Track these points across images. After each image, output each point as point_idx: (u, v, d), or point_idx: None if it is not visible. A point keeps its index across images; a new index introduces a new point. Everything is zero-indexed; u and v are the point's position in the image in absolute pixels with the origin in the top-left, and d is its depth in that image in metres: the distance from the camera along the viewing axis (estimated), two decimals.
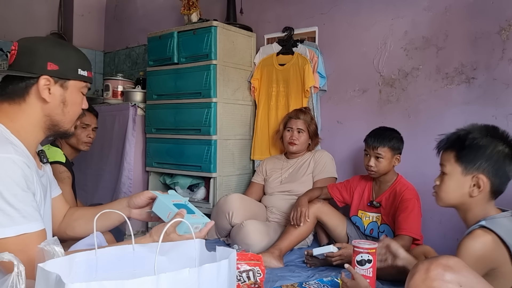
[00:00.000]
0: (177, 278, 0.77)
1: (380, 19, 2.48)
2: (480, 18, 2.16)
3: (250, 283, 1.36)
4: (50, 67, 1.13)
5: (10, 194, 0.99)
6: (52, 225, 1.30)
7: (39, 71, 1.12)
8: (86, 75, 1.21)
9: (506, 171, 1.23)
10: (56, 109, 1.17)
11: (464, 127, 1.31)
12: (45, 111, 1.16)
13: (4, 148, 1.03)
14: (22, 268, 0.79)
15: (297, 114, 2.49)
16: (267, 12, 2.96)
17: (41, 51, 1.13)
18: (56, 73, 1.14)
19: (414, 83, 2.37)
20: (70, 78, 1.17)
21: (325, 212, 2.14)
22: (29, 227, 1.02)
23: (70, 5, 4.02)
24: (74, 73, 1.17)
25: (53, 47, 1.16)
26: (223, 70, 2.67)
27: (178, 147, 2.78)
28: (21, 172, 1.03)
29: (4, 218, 0.99)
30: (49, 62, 1.13)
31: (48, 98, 1.14)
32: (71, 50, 1.20)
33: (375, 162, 2.03)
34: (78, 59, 1.19)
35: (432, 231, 2.24)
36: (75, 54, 1.19)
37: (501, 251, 1.16)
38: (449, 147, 1.30)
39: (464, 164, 1.24)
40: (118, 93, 3.31)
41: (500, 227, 1.17)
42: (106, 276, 0.91)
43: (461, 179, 1.25)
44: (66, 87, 1.17)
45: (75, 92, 1.19)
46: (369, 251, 1.46)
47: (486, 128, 1.27)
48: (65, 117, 1.19)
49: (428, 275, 0.99)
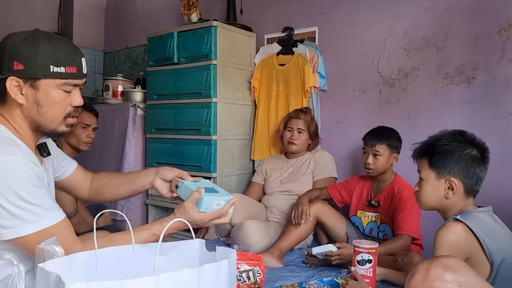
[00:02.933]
0: (177, 278, 0.77)
1: (380, 19, 2.48)
2: (480, 18, 2.16)
3: (250, 283, 1.37)
4: (16, 67, 1.04)
5: (27, 194, 1.01)
6: (81, 194, 1.44)
7: (7, 71, 1.05)
8: (62, 71, 1.08)
9: (476, 172, 1.31)
10: (32, 111, 1.10)
11: (435, 134, 1.40)
12: (23, 113, 1.11)
13: (11, 150, 1.03)
14: (22, 268, 0.79)
15: (298, 114, 2.49)
16: (267, 12, 2.96)
17: (8, 49, 1.05)
18: (22, 72, 1.05)
19: (414, 83, 2.37)
20: (39, 77, 1.07)
21: (325, 212, 2.14)
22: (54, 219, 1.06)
23: (70, 5, 4.02)
24: (43, 71, 1.06)
25: (21, 44, 1.05)
26: (223, 70, 2.68)
27: (178, 147, 2.78)
28: (32, 170, 1.04)
29: (28, 215, 1.01)
30: (15, 61, 1.04)
31: (21, 100, 1.08)
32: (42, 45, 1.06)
33: (373, 160, 2.04)
34: (50, 55, 1.07)
35: (432, 231, 2.22)
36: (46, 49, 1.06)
37: (472, 240, 1.22)
38: (422, 154, 1.39)
39: (437, 169, 1.34)
40: (118, 93, 3.31)
41: (473, 219, 1.24)
42: (106, 276, 0.91)
43: (436, 183, 1.34)
44: (37, 86, 1.08)
45: (51, 91, 1.09)
46: (370, 251, 1.47)
47: (454, 134, 1.36)
48: (43, 117, 1.11)
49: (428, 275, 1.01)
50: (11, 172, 1.00)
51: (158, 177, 1.38)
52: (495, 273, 1.21)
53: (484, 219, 1.28)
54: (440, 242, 1.24)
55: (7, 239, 1.01)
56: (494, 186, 2.02)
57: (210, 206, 1.04)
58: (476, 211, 1.30)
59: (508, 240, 1.27)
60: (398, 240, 1.88)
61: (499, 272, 1.21)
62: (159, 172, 1.39)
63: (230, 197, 1.20)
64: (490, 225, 1.28)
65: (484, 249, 1.21)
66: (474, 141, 1.35)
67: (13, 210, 0.99)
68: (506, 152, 2.08)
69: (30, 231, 1.01)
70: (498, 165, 1.99)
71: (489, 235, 1.23)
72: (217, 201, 1.16)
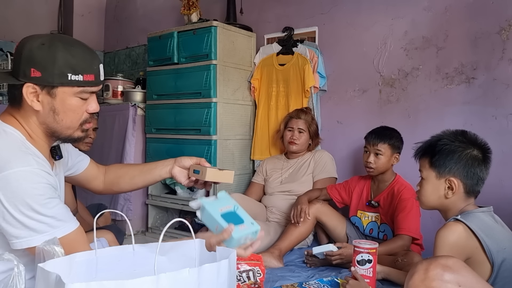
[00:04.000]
0: (177, 278, 0.77)
1: (380, 19, 2.48)
2: (480, 18, 2.16)
3: (250, 283, 1.37)
4: (33, 73, 1.03)
5: (39, 205, 1.00)
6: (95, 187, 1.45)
7: (23, 78, 1.04)
8: (80, 80, 1.06)
9: (476, 172, 1.31)
10: (48, 118, 1.09)
11: (437, 134, 1.39)
12: (39, 119, 1.10)
13: (25, 160, 1.02)
14: (22, 268, 0.79)
15: (298, 114, 2.49)
16: (267, 12, 2.96)
17: (25, 55, 1.03)
18: (39, 80, 1.04)
19: (414, 83, 2.37)
20: (57, 84, 1.05)
21: (325, 213, 2.14)
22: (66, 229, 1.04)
23: (70, 5, 4.02)
24: (61, 79, 1.04)
25: (38, 50, 1.03)
26: (223, 70, 2.67)
27: (178, 147, 2.77)
28: (44, 181, 1.03)
29: (41, 226, 1.00)
30: (32, 68, 1.03)
31: (37, 107, 1.07)
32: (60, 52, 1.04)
33: (374, 159, 2.04)
34: (68, 63, 1.04)
35: (432, 231, 2.22)
36: (63, 56, 1.04)
37: (472, 240, 1.22)
38: (423, 154, 1.39)
39: (437, 168, 1.33)
40: (118, 93, 3.31)
41: (473, 219, 1.24)
42: (106, 276, 0.91)
43: (436, 183, 1.34)
44: (54, 94, 1.06)
45: (68, 98, 1.08)
46: (370, 251, 1.47)
47: (455, 134, 1.36)
48: (59, 125, 1.10)
49: (427, 275, 1.01)
50: (24, 183, 0.99)
51: (176, 165, 1.41)
52: (496, 274, 1.20)
53: (484, 219, 1.27)
54: (440, 242, 1.24)
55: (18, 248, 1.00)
56: (494, 186, 2.02)
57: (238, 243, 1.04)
58: (477, 211, 1.30)
59: (508, 240, 1.26)
60: (398, 240, 1.88)
61: (500, 272, 1.21)
62: (178, 161, 1.41)
63: (257, 228, 1.17)
64: (491, 225, 1.27)
65: (484, 249, 1.21)
66: (475, 141, 1.34)
67: (26, 221, 0.98)
68: (506, 152, 2.08)
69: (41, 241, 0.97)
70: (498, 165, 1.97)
71: (490, 235, 1.23)
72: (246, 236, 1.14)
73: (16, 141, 1.07)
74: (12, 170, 0.99)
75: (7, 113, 1.12)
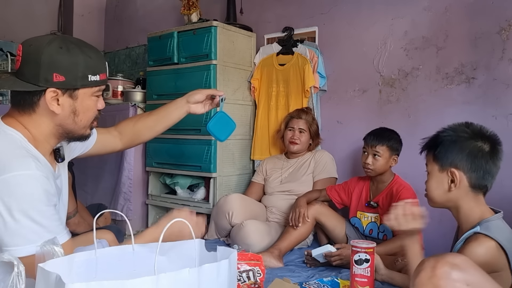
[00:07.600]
0: (177, 278, 0.77)
1: (380, 19, 2.48)
2: (480, 18, 2.16)
3: (250, 283, 1.36)
4: (56, 78, 1.05)
5: (34, 212, 0.99)
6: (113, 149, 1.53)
7: (45, 83, 1.05)
8: (98, 79, 1.11)
9: (481, 164, 1.25)
10: (67, 119, 1.11)
11: (443, 127, 1.36)
12: (56, 121, 1.11)
13: (25, 164, 1.01)
14: (22, 268, 0.79)
15: (299, 114, 2.50)
16: (267, 12, 2.96)
17: (45, 61, 1.04)
18: (63, 84, 1.06)
19: (414, 83, 2.37)
20: (79, 87, 1.09)
21: (324, 213, 2.14)
22: None
23: (70, 5, 4.02)
24: (83, 81, 1.09)
25: (58, 55, 1.05)
26: (223, 70, 2.67)
27: (178, 147, 2.77)
28: (42, 187, 1.02)
29: (32, 235, 0.99)
30: (55, 73, 1.04)
31: (57, 110, 1.08)
32: (79, 55, 1.07)
33: (372, 160, 2.04)
34: (88, 64, 1.09)
35: (432, 231, 2.23)
36: (83, 59, 1.08)
37: (501, 258, 1.18)
38: (428, 148, 1.36)
39: (440, 161, 1.29)
40: (118, 93, 3.31)
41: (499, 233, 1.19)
42: (106, 276, 0.91)
43: (439, 176, 1.30)
44: (76, 96, 1.10)
45: (87, 99, 1.12)
46: (367, 251, 1.47)
47: (459, 125, 1.33)
48: (77, 125, 1.13)
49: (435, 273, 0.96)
50: (21, 188, 0.98)
51: (191, 104, 1.56)
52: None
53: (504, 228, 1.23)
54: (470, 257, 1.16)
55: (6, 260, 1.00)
56: (494, 186, 1.99)
57: None
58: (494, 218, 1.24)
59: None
60: (397, 240, 1.88)
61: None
62: (190, 99, 1.57)
63: None
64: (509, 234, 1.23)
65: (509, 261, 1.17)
66: (480, 132, 1.29)
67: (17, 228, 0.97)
68: (506, 152, 2.06)
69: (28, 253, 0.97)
70: None
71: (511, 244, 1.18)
72: None
73: (16, 142, 1.06)
74: (11, 174, 0.98)
75: (9, 116, 1.12)
